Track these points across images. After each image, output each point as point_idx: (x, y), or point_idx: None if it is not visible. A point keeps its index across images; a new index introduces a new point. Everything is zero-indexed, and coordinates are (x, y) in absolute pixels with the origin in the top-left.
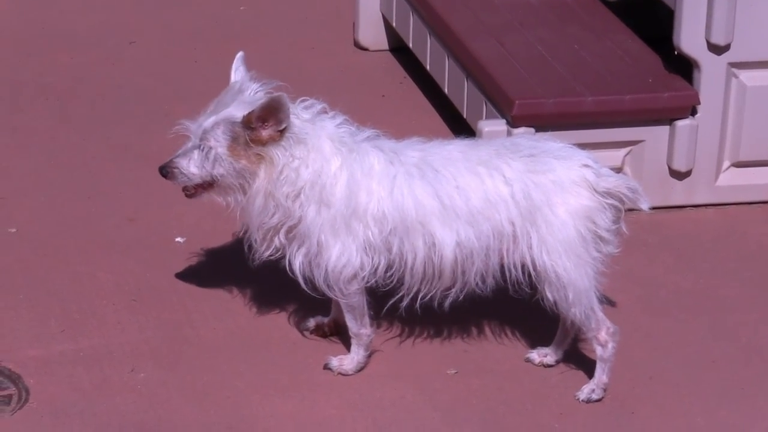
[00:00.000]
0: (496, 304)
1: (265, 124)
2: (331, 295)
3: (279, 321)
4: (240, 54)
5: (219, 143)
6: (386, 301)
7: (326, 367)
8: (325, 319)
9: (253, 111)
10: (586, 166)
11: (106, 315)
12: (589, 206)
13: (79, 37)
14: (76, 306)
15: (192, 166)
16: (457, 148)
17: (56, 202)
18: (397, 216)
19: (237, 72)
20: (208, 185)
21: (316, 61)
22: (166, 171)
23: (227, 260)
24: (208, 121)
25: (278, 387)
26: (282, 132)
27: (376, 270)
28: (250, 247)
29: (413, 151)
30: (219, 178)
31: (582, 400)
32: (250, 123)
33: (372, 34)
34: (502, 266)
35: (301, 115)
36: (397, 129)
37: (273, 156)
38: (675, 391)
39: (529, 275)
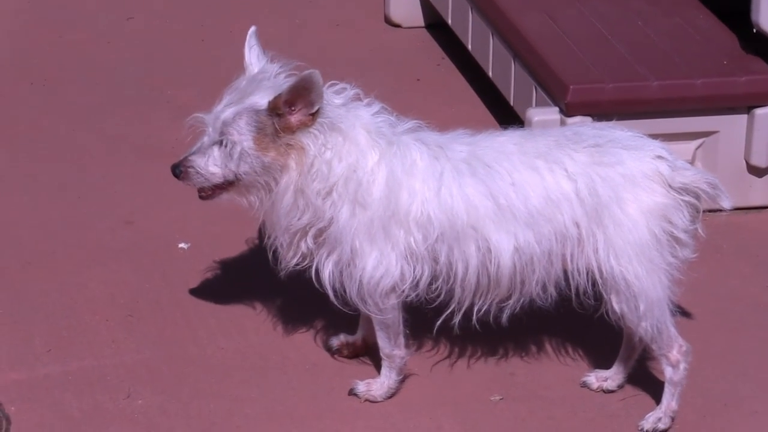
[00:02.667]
0: (548, 320)
1: (293, 109)
2: (364, 310)
3: (297, 339)
4: (252, 30)
5: (244, 136)
6: (434, 318)
7: (352, 392)
8: (352, 338)
9: (280, 94)
10: (660, 157)
11: (99, 332)
12: (663, 203)
13: (70, 13)
14: (65, 322)
15: (211, 165)
16: (510, 139)
17: (41, 203)
18: (444, 220)
19: (251, 51)
20: (228, 184)
21: (342, 40)
22: (180, 171)
23: (237, 269)
24: (228, 112)
25: (296, 416)
26: (314, 116)
27: (418, 282)
28: (275, 253)
29: (461, 144)
30: (243, 176)
31: (647, 431)
32: (277, 109)
33: (405, 8)
34: (565, 273)
35: (332, 100)
36: (434, 117)
37: (304, 144)
38: (754, 420)
39: (594, 284)
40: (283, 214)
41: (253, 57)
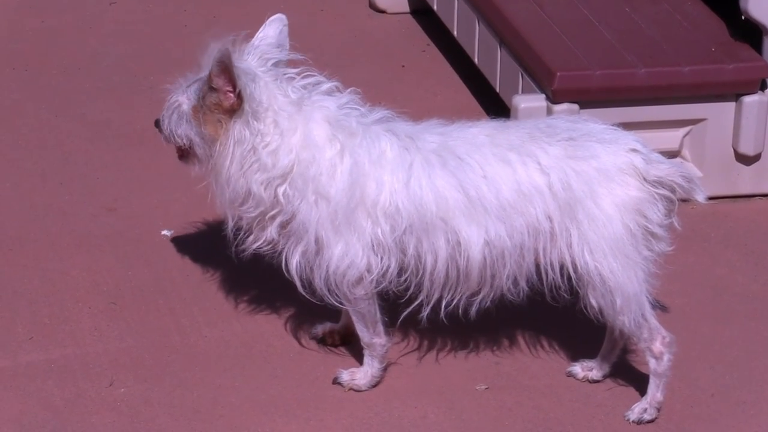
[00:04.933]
0: (534, 311)
1: (230, 90)
2: (331, 300)
3: (281, 328)
4: (279, 17)
5: (188, 100)
6: (402, 309)
7: (336, 381)
8: (335, 326)
9: (211, 69)
10: (634, 150)
11: (82, 320)
12: (638, 198)
13: None
14: (47, 310)
15: (165, 120)
16: (483, 131)
17: (23, 189)
18: (413, 211)
19: (262, 32)
20: (188, 149)
21: (326, 26)
22: (157, 121)
23: (221, 256)
24: (194, 78)
25: (280, 404)
26: (240, 98)
27: (386, 273)
28: (235, 236)
29: (432, 135)
30: (184, 139)
31: (633, 421)
32: (210, 82)
33: None
34: (537, 268)
35: (289, 93)
36: (419, 105)
37: (230, 127)
38: (741, 411)
39: (569, 278)
40: (219, 195)
41: (257, 40)
